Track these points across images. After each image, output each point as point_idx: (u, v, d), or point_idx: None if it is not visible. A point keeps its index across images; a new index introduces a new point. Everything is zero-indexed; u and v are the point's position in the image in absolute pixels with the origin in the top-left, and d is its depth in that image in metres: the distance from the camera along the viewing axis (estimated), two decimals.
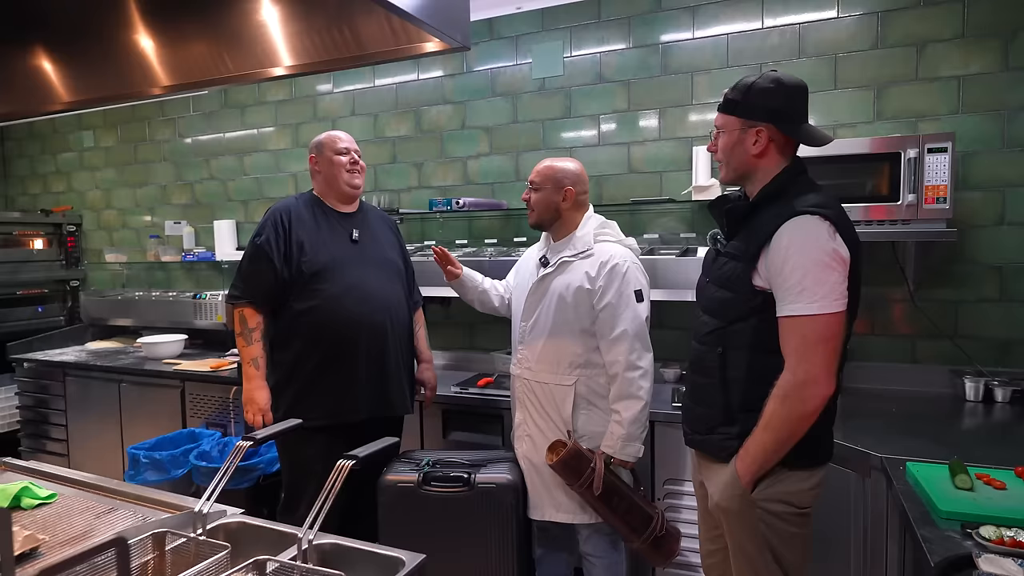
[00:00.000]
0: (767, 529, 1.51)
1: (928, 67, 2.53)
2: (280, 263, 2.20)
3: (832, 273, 1.38)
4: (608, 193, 3.10)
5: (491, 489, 2.06)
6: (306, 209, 2.30)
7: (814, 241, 1.38)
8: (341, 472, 1.15)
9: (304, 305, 2.21)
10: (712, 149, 1.61)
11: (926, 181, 2.21)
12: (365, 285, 2.25)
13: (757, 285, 1.47)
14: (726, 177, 1.60)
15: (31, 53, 1.87)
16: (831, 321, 1.38)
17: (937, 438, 1.98)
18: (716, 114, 1.59)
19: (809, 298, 1.37)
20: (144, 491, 1.45)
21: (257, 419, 2.21)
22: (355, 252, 2.30)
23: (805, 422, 1.42)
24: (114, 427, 3.60)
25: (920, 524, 1.38)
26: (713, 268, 1.62)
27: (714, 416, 1.58)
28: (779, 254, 1.41)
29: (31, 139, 4.95)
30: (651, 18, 2.97)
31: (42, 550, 1.17)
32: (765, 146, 1.51)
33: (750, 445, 1.48)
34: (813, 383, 1.39)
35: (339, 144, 2.31)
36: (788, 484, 1.49)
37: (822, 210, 1.41)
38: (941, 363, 2.55)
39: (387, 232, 2.48)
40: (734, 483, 1.51)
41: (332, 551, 1.17)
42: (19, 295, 4.44)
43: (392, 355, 2.30)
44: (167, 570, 1.14)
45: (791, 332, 1.41)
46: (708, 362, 1.57)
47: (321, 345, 2.20)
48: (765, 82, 1.50)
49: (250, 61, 1.72)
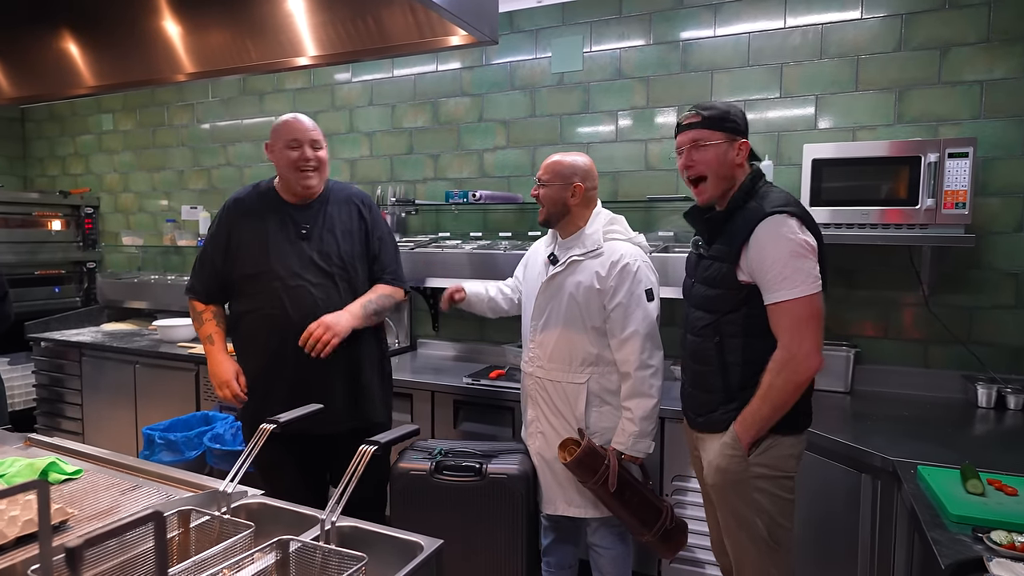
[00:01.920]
0: (761, 495, 1.66)
1: (951, 71, 2.52)
2: (220, 259, 2.11)
3: (806, 261, 1.57)
4: (624, 190, 3.10)
5: (502, 480, 2.09)
6: (258, 200, 2.14)
7: (786, 236, 1.57)
8: (363, 457, 1.17)
9: (244, 306, 2.10)
10: (689, 164, 1.71)
11: (946, 186, 2.20)
12: (300, 286, 2.04)
13: (742, 280, 1.64)
14: (716, 190, 1.70)
15: (58, 36, 1.89)
16: (813, 300, 1.57)
17: (949, 443, 1.98)
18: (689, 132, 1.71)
19: (791, 284, 1.56)
20: (167, 470, 1.48)
21: (226, 392, 2.07)
22: (299, 250, 2.07)
23: (798, 391, 1.61)
24: (128, 408, 3.65)
25: (931, 527, 1.39)
26: (698, 270, 1.79)
27: (715, 399, 1.74)
28: (758, 251, 1.59)
29: (51, 121, 5.00)
30: (672, 15, 2.97)
31: (71, 523, 1.21)
32: (744, 159, 1.71)
33: (747, 413, 1.65)
34: (805, 356, 1.57)
35: (291, 135, 2.06)
36: (779, 449, 1.66)
37: (788, 208, 1.61)
38: (953, 368, 2.55)
39: (349, 222, 2.16)
40: (733, 444, 1.66)
41: (352, 534, 1.20)
42: (37, 275, 4.50)
43: (332, 363, 2.00)
44: (192, 546, 1.17)
45: (781, 315, 1.59)
46: (706, 351, 1.73)
47: (260, 349, 2.08)
48: (730, 107, 1.72)
49: (274, 50, 1.73)
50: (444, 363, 3.32)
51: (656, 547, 2.11)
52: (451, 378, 2.89)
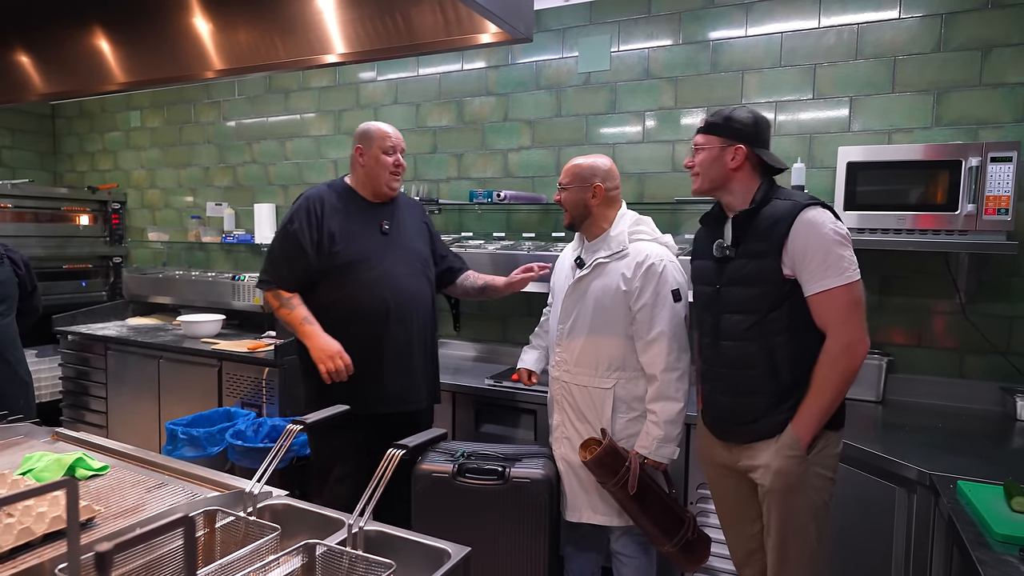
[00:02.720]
0: (816, 495, 1.67)
1: (993, 72, 2.44)
2: (312, 251, 2.21)
3: (846, 248, 1.62)
4: (650, 191, 3.06)
5: (525, 484, 2.06)
6: (338, 198, 2.30)
7: (824, 226, 1.62)
8: (391, 461, 1.15)
9: (332, 296, 2.22)
10: (689, 164, 1.84)
11: (988, 191, 2.13)
12: (393, 277, 2.26)
13: (786, 274, 1.66)
14: (700, 187, 1.82)
15: (89, 33, 1.89)
16: (856, 287, 1.61)
17: (988, 457, 1.92)
18: (696, 136, 1.82)
19: (836, 272, 1.59)
20: (192, 468, 1.48)
21: (338, 362, 2.12)
22: (384, 244, 2.29)
23: (853, 378, 1.64)
24: (152, 402, 3.68)
25: (975, 546, 1.34)
26: (726, 273, 1.76)
27: (764, 402, 1.70)
28: (799, 243, 1.63)
29: (81, 118, 5.07)
30: (702, 14, 2.91)
31: (97, 520, 1.20)
32: (741, 162, 1.74)
33: (804, 410, 1.64)
34: (859, 342, 1.62)
35: (388, 142, 2.29)
36: (830, 448, 1.68)
37: (820, 201, 1.68)
38: (991, 379, 2.47)
39: (417, 222, 2.46)
40: (793, 446, 1.65)
41: (377, 538, 1.18)
42: (65, 269, 4.56)
43: (417, 347, 2.31)
44: (217, 547, 1.16)
45: (828, 304, 1.61)
46: (750, 355, 1.71)
47: (348, 336, 2.18)
48: (743, 114, 1.77)
49: (302, 48, 1.73)
50: (465, 364, 3.30)
51: (676, 559, 2.05)
52: (472, 379, 2.87)
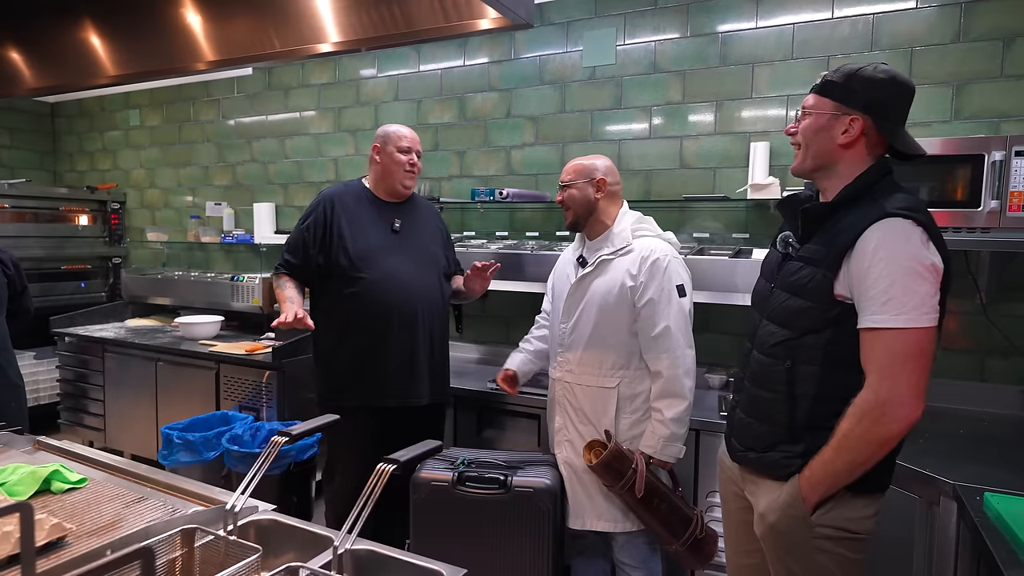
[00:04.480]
0: (825, 556, 1.39)
1: (1015, 63, 2.34)
2: (316, 251, 2.30)
3: (923, 283, 1.25)
4: (657, 189, 2.97)
5: (528, 493, 1.98)
6: (353, 197, 2.38)
7: (904, 246, 1.26)
8: (381, 476, 1.07)
9: (342, 290, 2.28)
10: (792, 131, 1.47)
11: (1012, 187, 2.03)
12: (401, 275, 2.30)
13: (838, 294, 1.33)
14: (800, 165, 1.45)
15: (79, 25, 1.84)
16: (920, 336, 1.25)
17: (1015, 465, 1.82)
18: (807, 96, 1.46)
19: (896, 309, 1.24)
20: (175, 479, 1.40)
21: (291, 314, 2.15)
22: (394, 242, 2.34)
23: (885, 447, 1.29)
24: (150, 404, 3.62)
25: (1008, 565, 1.25)
26: (782, 274, 1.47)
27: (775, 433, 1.45)
28: (864, 258, 1.28)
29: (80, 117, 5.02)
30: (711, 5, 2.82)
31: (69, 539, 1.13)
32: (855, 138, 1.37)
33: (817, 465, 1.35)
34: (898, 404, 1.25)
35: (403, 142, 2.36)
36: (849, 510, 1.37)
37: (915, 214, 1.28)
38: (1014, 383, 2.37)
39: (431, 223, 2.51)
40: (794, 504, 1.39)
41: (368, 558, 1.10)
42: (63, 270, 4.51)
43: (422, 344, 2.32)
44: (196, 568, 1.08)
45: (874, 346, 1.28)
46: (774, 376, 1.43)
47: (356, 331, 2.27)
48: (874, 71, 1.36)
49: (296, 37, 1.67)
50: (467, 366, 3.22)
51: (684, 558, 2.00)
52: (475, 382, 2.80)
